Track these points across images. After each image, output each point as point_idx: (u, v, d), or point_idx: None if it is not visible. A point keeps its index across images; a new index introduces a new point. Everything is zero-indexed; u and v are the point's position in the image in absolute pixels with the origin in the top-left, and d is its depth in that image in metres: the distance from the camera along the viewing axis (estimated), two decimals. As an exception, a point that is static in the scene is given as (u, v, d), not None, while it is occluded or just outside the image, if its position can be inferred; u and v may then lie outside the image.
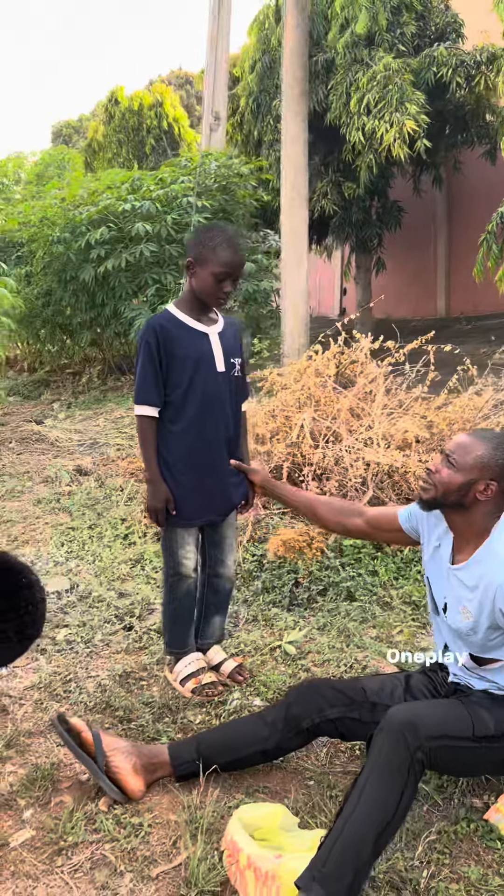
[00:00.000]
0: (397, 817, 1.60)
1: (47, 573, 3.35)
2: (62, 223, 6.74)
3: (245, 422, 2.57)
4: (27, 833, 1.84)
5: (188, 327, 2.33)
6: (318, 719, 1.95)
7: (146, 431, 2.35)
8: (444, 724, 1.71)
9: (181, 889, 1.65)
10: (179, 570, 2.43)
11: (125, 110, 18.33)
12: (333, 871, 1.50)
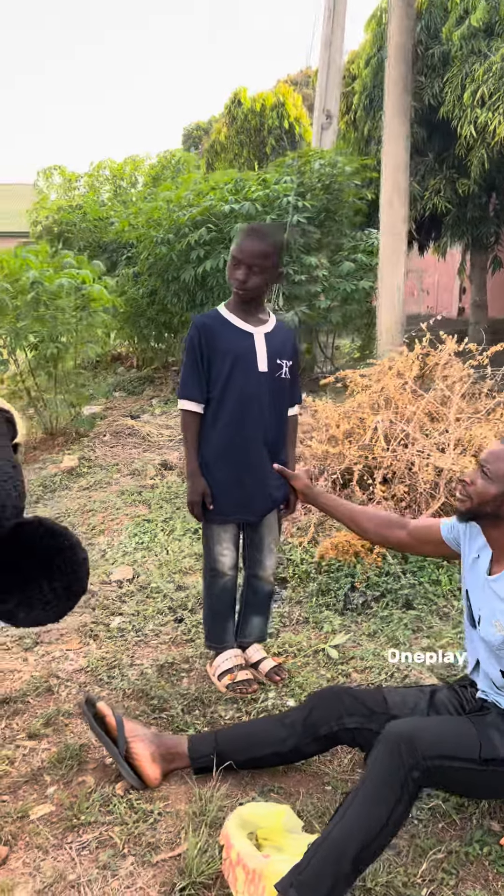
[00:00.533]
0: (385, 832, 1.56)
1: (114, 562, 3.48)
2: (167, 225, 6.94)
3: (293, 427, 2.57)
4: (47, 808, 1.94)
5: (232, 325, 2.36)
6: (337, 727, 1.93)
7: (188, 426, 2.41)
8: (447, 742, 1.66)
9: (175, 877, 1.69)
10: (215, 566, 2.47)
11: (247, 111, 18.57)
12: (310, 879, 1.49)
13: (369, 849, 1.54)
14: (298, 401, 2.58)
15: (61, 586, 1.78)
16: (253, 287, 2.32)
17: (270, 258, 2.30)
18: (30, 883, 1.70)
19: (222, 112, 20.34)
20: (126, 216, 7.99)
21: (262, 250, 2.28)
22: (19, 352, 5.62)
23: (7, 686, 2.52)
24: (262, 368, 2.37)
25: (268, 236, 2.30)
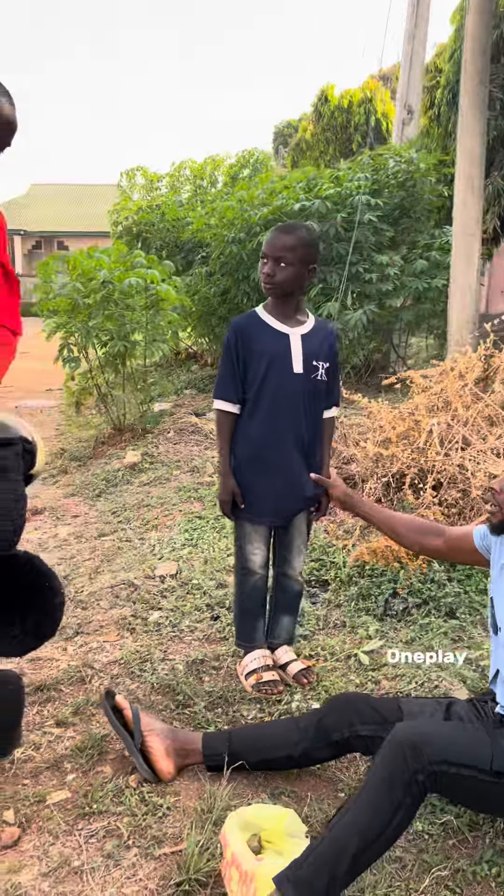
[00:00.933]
0: (385, 836, 1.53)
1: (161, 557, 3.54)
2: (239, 224, 6.98)
3: (330, 429, 2.55)
4: (64, 794, 1.99)
5: (268, 327, 2.37)
6: (349, 734, 1.91)
7: (222, 426, 2.43)
8: (456, 750, 1.60)
9: (174, 872, 1.71)
10: (247, 565, 2.48)
11: (334, 108, 18.46)
12: (307, 876, 1.49)
13: (368, 851, 1.51)
14: (336, 403, 2.55)
15: (32, 624, 1.87)
16: (280, 281, 2.31)
17: (297, 251, 2.28)
18: (36, 866, 1.75)
19: (310, 110, 20.29)
20: (201, 216, 8.07)
21: (287, 243, 2.27)
22: (90, 349, 5.77)
23: (44, 674, 2.61)
24: (298, 370, 2.36)
25: (294, 230, 2.30)
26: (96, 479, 5.04)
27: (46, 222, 44.93)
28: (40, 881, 1.71)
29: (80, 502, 4.72)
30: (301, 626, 2.87)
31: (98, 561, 3.61)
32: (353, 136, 18.01)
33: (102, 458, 5.55)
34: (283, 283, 2.32)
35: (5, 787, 2.02)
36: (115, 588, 3.23)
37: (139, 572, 3.36)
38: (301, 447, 2.41)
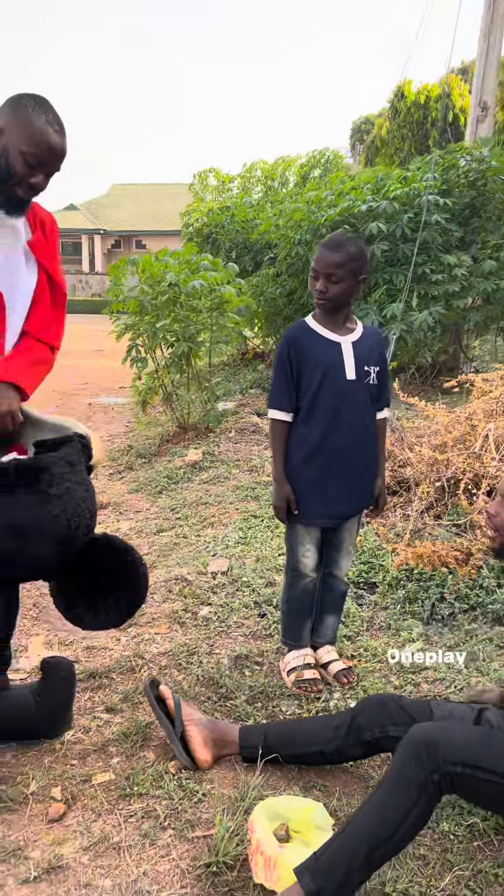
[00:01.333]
0: (400, 834, 1.57)
1: (215, 554, 3.65)
2: (306, 225, 7.03)
3: (382, 431, 2.60)
4: (108, 776, 2.12)
5: (320, 336, 2.43)
6: (380, 734, 1.96)
7: (276, 434, 2.51)
8: (474, 752, 1.63)
9: (204, 854, 1.80)
10: (298, 566, 2.55)
11: (410, 104, 18.22)
12: (325, 867, 1.55)
13: (383, 847, 1.56)
14: (387, 404, 2.60)
15: (124, 598, 2.07)
16: (332, 297, 2.37)
17: (346, 266, 2.33)
18: (78, 840, 1.88)
19: (386, 106, 20.07)
20: (269, 217, 8.16)
21: (337, 260, 2.33)
22: (157, 350, 5.94)
23: (98, 662, 2.75)
24: (351, 376, 2.42)
25: (343, 246, 2.34)
26: (159, 475, 5.20)
27: (125, 222, 45.97)
28: (81, 854, 1.83)
29: (143, 498, 4.89)
30: (346, 627, 2.93)
31: (155, 556, 3.75)
32: (430, 132, 17.74)
33: (166, 455, 5.71)
34: (335, 297, 2.38)
35: (55, 767, 2.16)
36: (169, 582, 3.36)
37: (192, 568, 3.48)
38: (357, 450, 2.47)
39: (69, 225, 45.91)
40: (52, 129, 1.86)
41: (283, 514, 2.50)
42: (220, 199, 10.80)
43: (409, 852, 1.83)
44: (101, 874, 1.77)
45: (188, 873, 1.77)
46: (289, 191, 10.13)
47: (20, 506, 1.82)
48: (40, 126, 1.84)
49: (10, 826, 1.93)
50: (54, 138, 1.87)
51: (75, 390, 10.31)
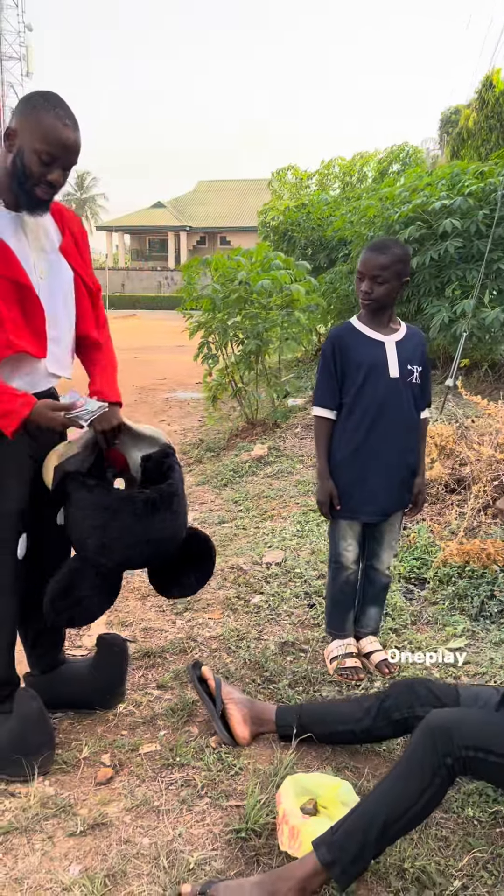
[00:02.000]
0: (412, 813, 1.65)
1: (271, 546, 3.77)
2: (380, 222, 7.04)
3: (424, 429, 2.66)
4: (154, 747, 2.28)
5: (364, 336, 2.51)
6: (408, 714, 2.04)
7: (320, 430, 2.60)
8: (487, 736, 1.69)
9: (236, 821, 1.93)
10: (340, 559, 2.65)
11: (499, 94, 17.74)
12: (341, 841, 1.65)
13: (395, 825, 1.64)
14: (429, 404, 2.66)
15: (202, 577, 2.40)
16: (378, 297, 2.45)
17: (391, 269, 2.41)
18: (122, 802, 2.04)
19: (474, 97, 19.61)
20: (342, 214, 8.19)
21: (382, 262, 2.40)
22: (227, 347, 6.10)
23: (153, 642, 2.92)
24: (394, 374, 2.50)
25: (388, 248, 2.42)
26: (225, 469, 5.36)
27: (211, 218, 46.55)
28: (124, 814, 1.99)
29: (209, 490, 5.06)
30: (392, 620, 3.00)
31: (216, 545, 3.90)
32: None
33: (234, 449, 5.86)
34: (381, 298, 2.46)
35: (107, 735, 2.34)
36: (225, 571, 3.50)
37: (248, 558, 3.61)
38: (399, 448, 2.54)
39: (156, 222, 46.90)
40: (61, 124, 1.86)
41: (327, 508, 2.59)
42: (298, 196, 10.86)
43: (432, 833, 1.90)
44: (140, 833, 1.92)
45: (219, 837, 1.90)
46: (365, 187, 10.11)
47: (158, 522, 2.09)
48: (51, 122, 1.84)
49: (63, 786, 2.11)
50: (66, 133, 1.86)
51: (154, 385, 10.62)
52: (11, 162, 1.89)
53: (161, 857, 1.82)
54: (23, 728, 2.12)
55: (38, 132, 1.84)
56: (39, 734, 2.15)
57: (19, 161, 1.87)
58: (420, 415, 2.62)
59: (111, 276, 41.55)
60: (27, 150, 1.86)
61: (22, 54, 46.63)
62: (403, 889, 1.73)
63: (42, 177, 1.89)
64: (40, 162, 1.86)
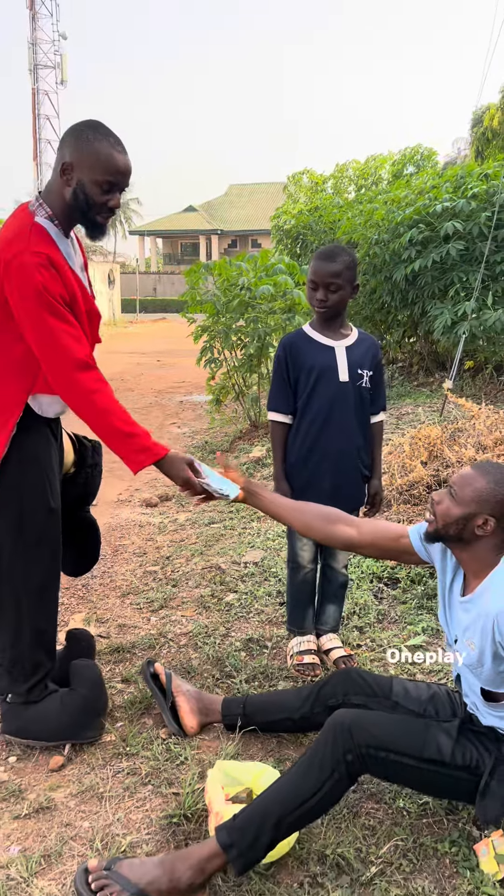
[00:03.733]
0: (309, 804, 1.71)
1: (253, 546, 3.85)
2: (385, 225, 7.08)
3: (378, 433, 2.72)
4: (109, 737, 2.37)
5: (315, 342, 2.58)
6: (343, 700, 2.11)
7: (275, 434, 2.68)
8: (388, 735, 1.76)
9: (172, 807, 2.02)
10: (296, 559, 2.72)
11: (524, 93, 17.59)
12: (240, 827, 1.70)
13: (292, 815, 1.70)
14: (383, 408, 2.72)
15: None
16: (332, 305, 2.52)
17: (343, 275, 2.48)
18: (69, 787, 2.14)
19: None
20: (349, 218, 8.23)
21: (334, 270, 2.47)
22: (228, 351, 6.20)
23: (125, 638, 3.02)
24: (343, 378, 2.56)
25: (338, 256, 2.48)
26: (224, 471, 5.45)
27: (242, 221, 46.79)
28: (69, 799, 2.09)
29: (205, 492, 5.15)
30: (359, 619, 3.06)
31: (200, 545, 4.00)
32: (545, 120, 17.08)
33: (235, 452, 5.95)
34: (335, 305, 2.53)
35: (66, 726, 2.44)
36: (204, 570, 3.59)
37: (228, 558, 3.70)
38: (349, 450, 2.60)
39: (188, 226, 47.29)
40: (116, 152, 1.96)
41: None
42: (313, 200, 10.92)
43: (360, 822, 1.97)
44: (81, 817, 2.02)
45: (155, 823, 1.98)
46: (375, 190, 10.14)
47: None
48: (107, 152, 1.94)
49: (18, 773, 2.22)
50: (121, 159, 1.97)
51: (171, 388, 10.77)
52: (72, 195, 1.98)
53: (96, 840, 1.92)
54: (96, 693, 2.35)
55: (97, 164, 1.93)
56: (105, 695, 2.39)
57: (80, 193, 1.97)
58: (373, 419, 2.68)
59: (142, 280, 41.98)
60: (88, 182, 1.95)
61: (56, 63, 47.36)
62: (321, 874, 1.80)
63: (104, 204, 2.00)
64: (102, 191, 1.97)
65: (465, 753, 1.78)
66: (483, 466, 1.82)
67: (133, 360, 14.78)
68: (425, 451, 4.29)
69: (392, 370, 8.05)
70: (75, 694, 2.32)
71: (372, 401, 2.65)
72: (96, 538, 2.69)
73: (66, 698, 2.31)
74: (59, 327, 1.98)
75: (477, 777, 1.79)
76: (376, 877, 1.79)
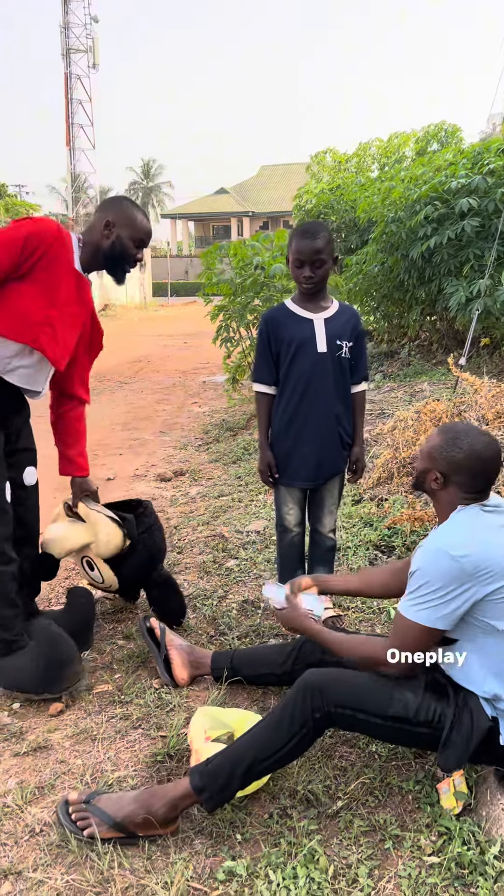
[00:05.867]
0: (279, 755, 1.83)
1: (258, 516, 3.98)
2: (401, 203, 7.09)
3: (360, 402, 2.81)
4: (106, 687, 2.54)
5: (294, 315, 2.69)
6: (321, 657, 2.24)
7: (260, 405, 2.80)
8: (356, 696, 1.85)
9: (158, 747, 2.17)
10: (283, 523, 2.84)
11: None
12: (211, 770, 1.83)
13: (261, 764, 1.82)
14: (364, 378, 2.81)
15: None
16: (319, 280, 2.62)
17: (326, 250, 2.57)
18: (66, 730, 2.31)
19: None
20: (367, 196, 8.24)
21: (318, 247, 2.56)
22: (243, 329, 6.30)
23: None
24: (322, 349, 2.66)
25: (319, 233, 2.57)
26: (237, 447, 5.59)
27: (274, 203, 46.54)
28: (65, 740, 2.26)
29: (218, 467, 5.30)
30: (352, 582, 3.17)
31: (208, 516, 4.15)
32: None
33: (250, 429, 6.08)
34: (321, 280, 2.63)
35: (68, 677, 2.61)
36: (209, 538, 3.74)
37: (233, 527, 3.84)
38: (328, 418, 2.71)
39: (219, 209, 47.24)
40: (146, 220, 2.51)
41: (266, 477, 2.79)
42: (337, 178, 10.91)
43: (332, 764, 2.10)
44: (75, 755, 2.19)
45: (142, 761, 2.14)
46: (398, 167, 10.09)
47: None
48: (141, 218, 2.49)
49: (21, 717, 2.40)
50: (149, 226, 2.52)
51: (195, 369, 10.92)
52: (110, 246, 2.47)
53: (87, 775, 2.08)
54: (56, 647, 2.47)
55: (134, 227, 2.47)
56: (70, 648, 2.48)
57: (118, 245, 2.46)
58: (354, 388, 2.78)
59: (174, 263, 42.12)
60: (125, 238, 2.46)
61: (88, 46, 47.49)
62: (291, 807, 1.94)
63: (134, 256, 2.51)
64: (134, 246, 2.49)
65: (429, 710, 1.86)
66: (445, 427, 1.93)
67: (160, 342, 14.97)
68: (432, 424, 4.37)
69: (410, 348, 8.07)
70: (36, 651, 2.46)
71: (352, 371, 2.75)
72: (176, 592, 2.91)
73: (31, 654, 2.46)
74: None
75: (438, 731, 1.88)
76: (342, 810, 1.92)
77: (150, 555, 2.86)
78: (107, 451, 6.13)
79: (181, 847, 1.81)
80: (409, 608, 1.83)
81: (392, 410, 5.71)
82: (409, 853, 1.76)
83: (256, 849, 1.79)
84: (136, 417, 7.57)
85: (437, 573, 1.77)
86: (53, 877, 1.73)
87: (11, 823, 1.91)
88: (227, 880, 1.70)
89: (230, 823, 1.88)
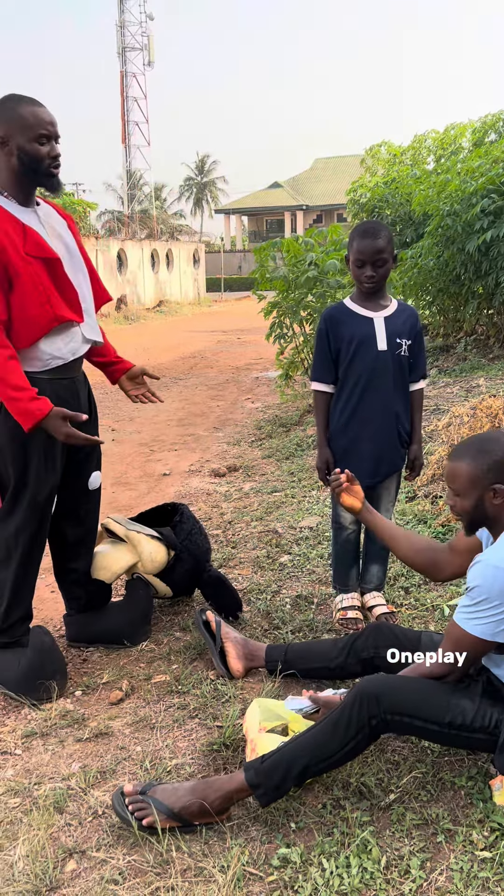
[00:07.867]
0: (334, 759, 1.86)
1: (310, 512, 4.02)
2: (459, 195, 7.00)
3: (418, 400, 2.83)
4: (164, 677, 2.62)
5: (354, 313, 2.71)
6: (374, 653, 2.28)
7: (318, 403, 2.83)
8: (413, 703, 1.87)
9: (215, 737, 2.24)
10: (339, 520, 2.88)
11: None
12: (266, 769, 1.86)
13: (316, 767, 1.86)
14: (423, 376, 2.82)
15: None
16: (381, 278, 2.64)
17: (388, 250, 2.59)
18: (126, 718, 2.39)
19: None
20: (422, 190, 8.16)
21: (380, 246, 2.57)
22: (297, 326, 6.33)
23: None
24: (382, 347, 2.68)
25: (379, 232, 2.58)
26: (290, 443, 5.63)
27: (328, 196, 46.27)
28: (125, 727, 2.34)
29: (271, 463, 5.35)
30: (406, 580, 3.19)
31: (261, 511, 4.20)
32: None
33: (303, 425, 6.11)
34: (382, 279, 2.64)
35: (128, 666, 2.70)
36: (262, 533, 3.79)
37: (286, 523, 3.89)
38: (388, 416, 2.73)
39: (272, 202, 47.20)
40: (36, 107, 2.15)
41: (323, 474, 2.82)
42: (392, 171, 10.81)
43: (385, 757, 2.13)
44: (135, 742, 2.27)
45: (199, 750, 2.21)
46: (454, 159, 9.94)
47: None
48: (29, 110, 2.14)
49: (81, 704, 2.49)
50: (44, 112, 2.17)
51: (248, 365, 10.99)
52: (17, 160, 2.16)
53: (146, 761, 2.16)
54: (39, 658, 2.51)
55: (27, 124, 2.13)
56: (52, 662, 2.53)
57: (24, 156, 2.16)
58: (413, 387, 2.79)
59: (227, 258, 42.30)
60: (25, 143, 2.14)
61: (144, 44, 47.98)
62: (344, 798, 1.97)
63: (48, 156, 2.18)
64: (41, 145, 2.16)
65: (486, 716, 1.88)
66: (457, 454, 1.93)
67: (214, 338, 15.09)
68: (488, 421, 4.33)
69: (467, 342, 7.97)
70: (27, 656, 2.52)
71: (411, 369, 2.76)
72: (228, 588, 2.97)
73: (22, 656, 2.51)
74: None
75: (495, 736, 1.90)
76: (395, 803, 1.95)
77: (195, 560, 2.95)
78: (162, 446, 6.25)
79: (237, 833, 1.87)
80: (467, 621, 1.86)
81: (447, 406, 5.66)
82: (462, 847, 1.78)
83: (310, 837, 1.84)
84: (191, 413, 7.68)
85: (498, 591, 1.79)
86: (115, 857, 1.81)
87: (76, 805, 2.00)
88: (282, 867, 1.75)
89: (284, 812, 1.93)
